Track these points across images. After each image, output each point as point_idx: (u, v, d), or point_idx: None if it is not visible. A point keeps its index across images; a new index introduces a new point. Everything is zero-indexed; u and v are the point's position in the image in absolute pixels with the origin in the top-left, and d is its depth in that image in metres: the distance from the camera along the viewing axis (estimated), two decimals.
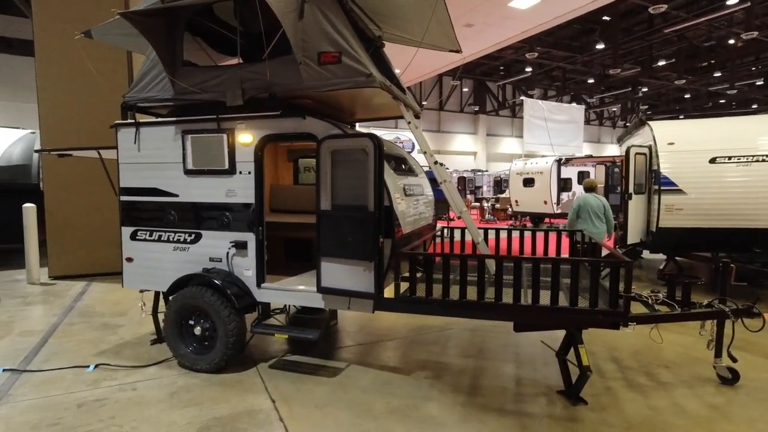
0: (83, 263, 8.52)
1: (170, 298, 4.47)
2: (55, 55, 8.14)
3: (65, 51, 7.90)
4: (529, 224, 17.71)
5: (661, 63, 26.54)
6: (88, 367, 4.42)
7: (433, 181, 5.15)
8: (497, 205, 21.16)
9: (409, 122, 4.39)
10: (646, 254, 10.15)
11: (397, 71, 5.10)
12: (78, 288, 7.79)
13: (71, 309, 6.53)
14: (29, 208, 8.07)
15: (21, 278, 8.38)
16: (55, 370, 4.36)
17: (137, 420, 3.47)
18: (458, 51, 5.21)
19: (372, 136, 3.68)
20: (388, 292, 3.94)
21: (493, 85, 37.50)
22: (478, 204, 23.43)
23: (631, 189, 7.55)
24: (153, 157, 4.55)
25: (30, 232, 8.05)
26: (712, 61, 26.60)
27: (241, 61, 4.36)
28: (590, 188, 7.19)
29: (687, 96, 36.75)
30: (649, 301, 4.16)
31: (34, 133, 10.42)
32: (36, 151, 8.97)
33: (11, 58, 20.44)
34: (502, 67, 33.35)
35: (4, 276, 8.72)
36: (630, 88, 33.65)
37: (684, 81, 29.33)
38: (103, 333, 5.47)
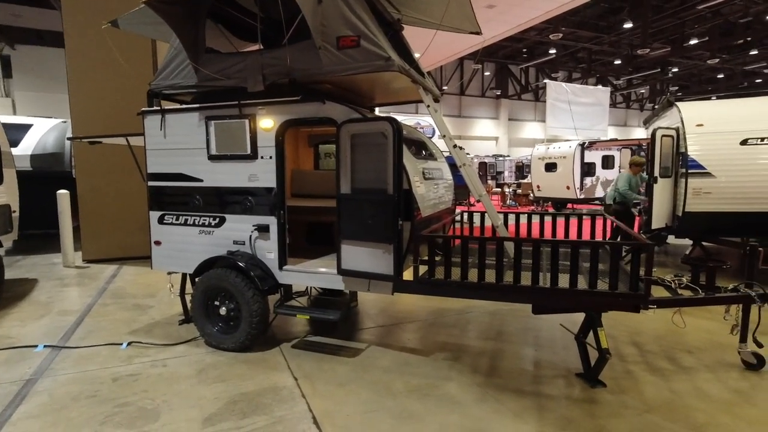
0: (115, 247, 8.85)
1: (197, 279, 4.64)
2: (84, 45, 8.36)
3: (94, 41, 8.10)
4: (551, 210, 17.46)
5: (694, 41, 25.42)
6: (122, 344, 4.64)
7: (454, 167, 5.14)
8: (519, 191, 20.91)
9: (428, 106, 4.38)
10: (671, 239, 9.93)
11: (416, 55, 5.07)
12: (110, 271, 8.13)
13: (104, 290, 6.83)
14: (63, 194, 8.40)
15: (57, 261, 8.78)
16: (91, 347, 4.60)
17: (168, 394, 3.65)
18: (478, 33, 5.14)
19: (391, 120, 3.70)
20: (408, 274, 3.99)
21: (515, 69, 36.70)
22: (499, 189, 23.18)
23: (656, 172, 7.36)
24: (178, 143, 4.67)
25: (64, 218, 8.39)
26: (749, 39, 25.32)
27: (261, 47, 4.41)
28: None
29: (720, 76, 35.16)
30: (672, 286, 4.10)
31: (65, 122, 10.81)
32: (68, 139, 9.29)
33: (43, 49, 21.07)
34: (525, 50, 32.53)
35: (42, 259, 9.14)
36: (659, 69, 32.39)
37: (717, 60, 28.12)
38: (134, 313, 5.72)
